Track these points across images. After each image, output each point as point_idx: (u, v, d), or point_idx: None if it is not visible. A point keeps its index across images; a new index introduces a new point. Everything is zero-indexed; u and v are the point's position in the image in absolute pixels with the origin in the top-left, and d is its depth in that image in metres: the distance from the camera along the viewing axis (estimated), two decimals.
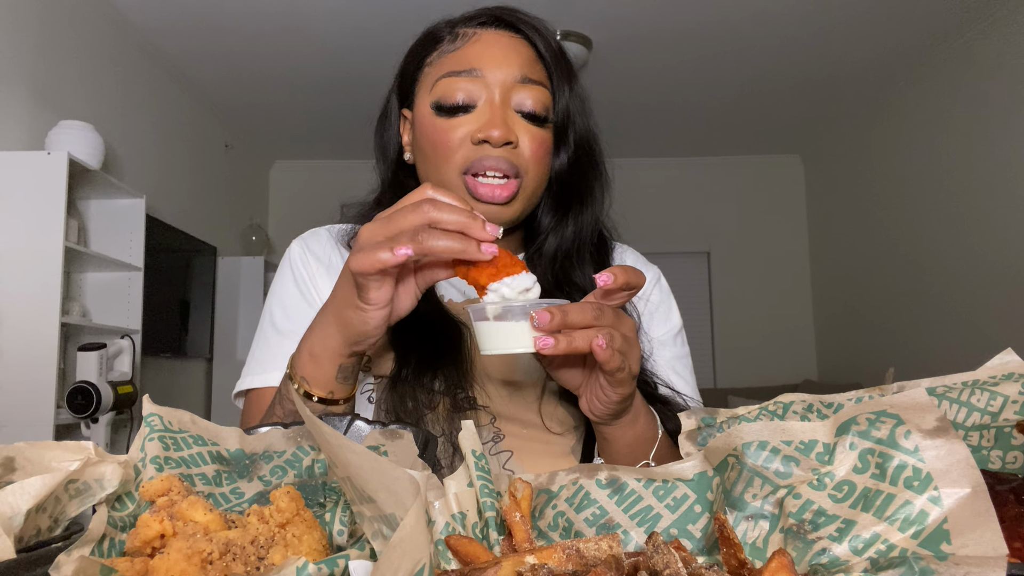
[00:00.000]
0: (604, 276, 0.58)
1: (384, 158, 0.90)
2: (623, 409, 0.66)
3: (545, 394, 0.81)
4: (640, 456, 0.71)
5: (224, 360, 4.58)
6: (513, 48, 0.80)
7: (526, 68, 0.79)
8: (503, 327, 0.59)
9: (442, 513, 0.43)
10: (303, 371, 0.67)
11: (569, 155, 0.85)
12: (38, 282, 2.61)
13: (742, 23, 3.76)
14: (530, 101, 0.79)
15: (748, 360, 5.70)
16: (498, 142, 0.76)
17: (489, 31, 0.81)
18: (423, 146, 0.81)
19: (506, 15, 0.82)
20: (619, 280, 0.59)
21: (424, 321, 0.78)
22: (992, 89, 3.73)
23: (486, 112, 0.77)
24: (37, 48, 2.96)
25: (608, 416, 0.66)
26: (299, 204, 5.73)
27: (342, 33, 3.82)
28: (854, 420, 0.40)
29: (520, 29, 0.82)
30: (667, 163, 5.90)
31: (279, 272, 0.88)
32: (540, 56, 0.82)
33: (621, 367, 0.59)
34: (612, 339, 0.58)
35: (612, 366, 0.58)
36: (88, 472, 0.43)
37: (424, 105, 0.81)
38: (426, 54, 0.83)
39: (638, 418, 0.70)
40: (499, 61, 0.78)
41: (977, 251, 3.87)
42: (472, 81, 0.78)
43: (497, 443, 0.78)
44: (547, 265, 0.85)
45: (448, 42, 0.82)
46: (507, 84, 0.78)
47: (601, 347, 0.57)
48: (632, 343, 0.61)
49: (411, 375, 0.76)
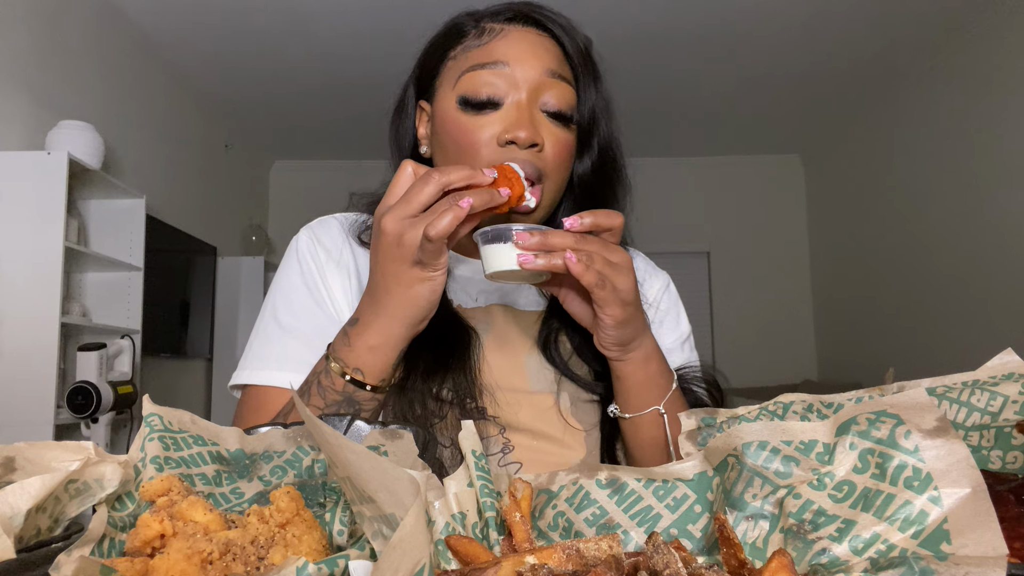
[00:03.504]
0: (571, 219, 0.64)
1: (399, 151, 0.88)
2: (628, 339, 0.70)
3: (557, 405, 0.80)
4: (652, 400, 0.74)
5: (224, 360, 4.58)
6: (541, 45, 0.78)
7: (553, 65, 0.78)
8: (495, 248, 0.65)
9: (442, 513, 0.43)
10: (358, 362, 0.68)
11: (593, 160, 0.84)
12: (38, 282, 2.61)
13: (742, 23, 3.76)
14: (555, 99, 0.77)
15: (748, 360, 5.69)
16: (525, 143, 0.74)
17: (516, 27, 0.79)
18: (445, 143, 0.79)
19: (534, 12, 0.80)
20: (587, 223, 0.64)
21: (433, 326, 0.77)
22: (992, 89, 3.72)
23: (513, 112, 0.76)
24: (37, 48, 2.96)
25: (615, 346, 0.70)
26: (299, 204, 5.72)
27: (342, 33, 3.82)
28: (854, 420, 0.40)
29: (547, 27, 0.80)
30: (667, 163, 5.90)
31: (285, 261, 0.85)
32: (567, 55, 0.80)
33: (600, 284, 0.63)
34: (590, 259, 0.63)
35: (587, 280, 0.63)
36: (88, 472, 0.43)
37: (448, 99, 0.79)
38: (449, 47, 0.81)
39: (651, 361, 0.73)
40: (527, 57, 0.77)
41: (977, 251, 3.86)
42: (499, 75, 0.76)
43: (506, 454, 0.77)
44: None
45: (474, 36, 0.80)
46: (534, 81, 0.76)
47: (572, 261, 0.62)
48: (619, 269, 0.65)
49: (419, 382, 0.75)
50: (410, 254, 0.63)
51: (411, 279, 0.65)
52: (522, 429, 0.78)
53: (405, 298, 0.66)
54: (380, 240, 0.65)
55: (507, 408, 0.78)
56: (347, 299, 0.82)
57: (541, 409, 0.80)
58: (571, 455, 0.79)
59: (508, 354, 0.82)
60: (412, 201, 0.63)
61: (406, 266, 0.64)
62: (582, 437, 0.80)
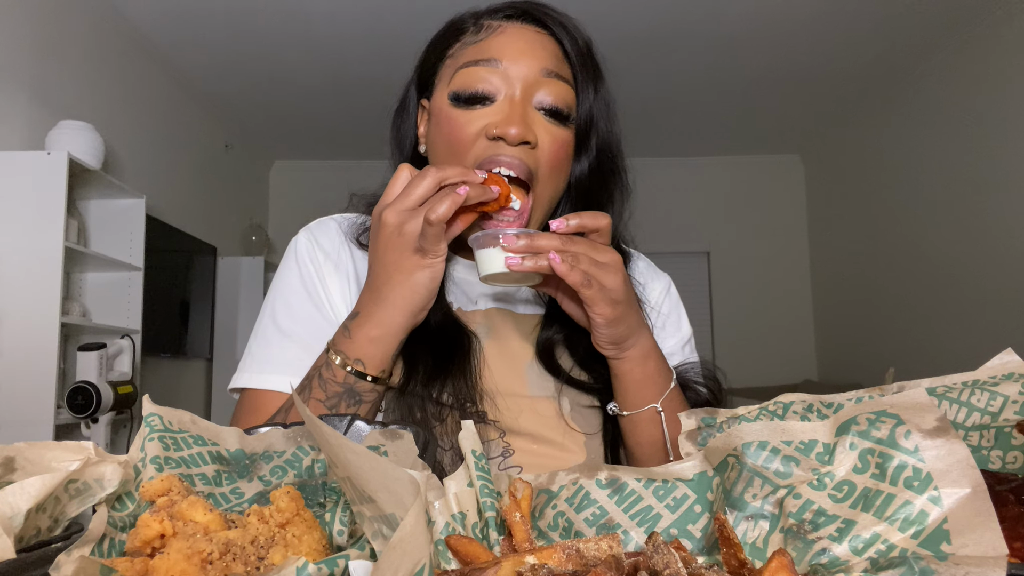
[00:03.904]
0: (557, 221, 0.66)
1: (400, 150, 0.88)
2: (621, 337, 0.71)
3: (558, 410, 0.80)
4: (650, 398, 0.74)
5: (224, 360, 4.58)
6: (539, 43, 0.77)
7: (550, 63, 0.76)
8: (487, 253, 0.67)
9: (442, 513, 0.43)
10: (359, 353, 0.69)
11: (591, 162, 0.83)
12: (38, 282, 2.61)
13: (742, 23, 3.76)
14: (551, 97, 0.76)
15: (748, 360, 5.69)
16: (514, 140, 0.73)
17: (514, 24, 0.78)
18: (436, 139, 0.79)
19: (533, 9, 0.80)
20: (572, 225, 0.66)
21: (433, 329, 0.77)
22: (992, 89, 3.73)
23: (505, 107, 0.75)
24: (37, 48, 2.96)
25: (609, 344, 0.71)
26: (299, 204, 5.73)
27: (342, 33, 3.82)
28: (854, 420, 0.40)
29: (547, 25, 0.79)
30: (667, 163, 5.90)
31: (284, 263, 0.85)
32: (566, 53, 0.79)
33: (586, 283, 0.65)
34: (576, 259, 0.64)
35: (573, 280, 0.64)
36: (88, 472, 0.43)
37: (442, 96, 0.78)
38: (448, 45, 0.81)
39: (648, 360, 0.73)
40: (522, 54, 0.76)
41: (977, 251, 3.86)
42: (492, 71, 0.75)
43: (507, 458, 0.77)
44: None
45: (471, 33, 0.79)
46: (529, 79, 0.75)
47: (555, 261, 0.63)
48: (607, 269, 0.66)
49: (419, 386, 0.75)
50: (411, 242, 0.67)
51: (412, 266, 0.68)
52: (522, 433, 0.78)
53: (406, 287, 0.68)
54: (380, 231, 0.68)
55: (507, 412, 0.78)
56: (345, 302, 0.82)
57: (541, 414, 0.79)
58: (572, 459, 0.79)
59: (508, 359, 0.81)
60: (411, 195, 0.66)
61: (407, 253, 0.67)
62: (583, 441, 0.80)
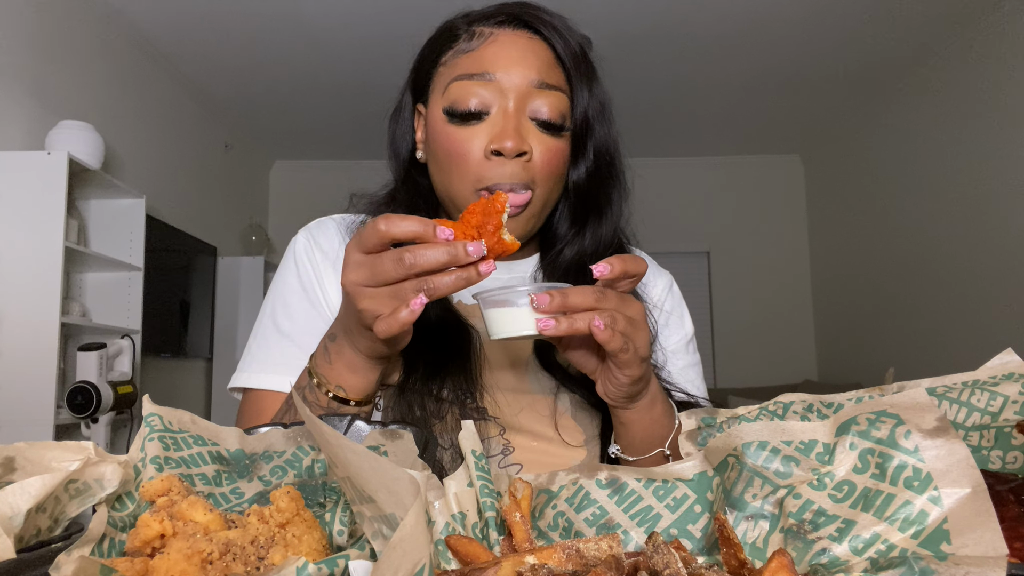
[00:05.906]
0: (601, 266, 0.59)
1: (396, 155, 0.87)
2: (637, 392, 0.67)
3: (558, 407, 0.80)
4: (656, 443, 0.71)
5: (224, 360, 4.58)
6: (531, 50, 0.77)
7: (543, 72, 0.76)
8: (508, 312, 0.60)
9: (442, 513, 0.43)
10: (340, 380, 0.66)
11: (588, 165, 0.82)
12: (38, 282, 2.61)
13: (742, 23, 3.76)
14: (546, 108, 0.76)
15: (748, 360, 5.70)
16: (511, 153, 0.73)
17: (506, 31, 0.78)
18: (436, 153, 0.79)
19: (525, 14, 0.79)
20: (616, 270, 0.59)
21: (433, 325, 0.76)
22: (992, 89, 3.73)
23: (499, 121, 0.75)
24: (37, 48, 2.96)
25: (623, 399, 0.67)
26: (299, 204, 5.72)
27: (342, 33, 3.82)
28: (854, 420, 0.40)
29: (539, 30, 0.79)
30: (667, 163, 5.90)
31: (283, 264, 0.85)
32: (559, 58, 0.79)
33: (624, 348, 0.60)
34: (614, 321, 0.59)
35: (613, 347, 0.59)
36: (88, 472, 0.43)
37: (436, 108, 0.78)
38: (441, 52, 0.80)
39: (655, 404, 0.70)
40: (515, 64, 0.75)
41: (977, 251, 3.86)
42: (485, 86, 0.75)
43: (507, 456, 0.77)
44: (563, 275, 0.83)
45: (464, 40, 0.79)
46: (522, 90, 0.75)
47: (599, 327, 0.58)
48: (638, 326, 0.61)
49: (419, 382, 0.75)
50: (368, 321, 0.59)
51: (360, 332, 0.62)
52: (522, 431, 0.78)
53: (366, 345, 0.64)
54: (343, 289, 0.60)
55: (507, 410, 0.78)
56: None
57: (541, 411, 0.79)
58: (572, 457, 0.79)
59: (509, 355, 0.81)
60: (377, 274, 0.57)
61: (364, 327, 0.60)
62: (583, 439, 0.80)
